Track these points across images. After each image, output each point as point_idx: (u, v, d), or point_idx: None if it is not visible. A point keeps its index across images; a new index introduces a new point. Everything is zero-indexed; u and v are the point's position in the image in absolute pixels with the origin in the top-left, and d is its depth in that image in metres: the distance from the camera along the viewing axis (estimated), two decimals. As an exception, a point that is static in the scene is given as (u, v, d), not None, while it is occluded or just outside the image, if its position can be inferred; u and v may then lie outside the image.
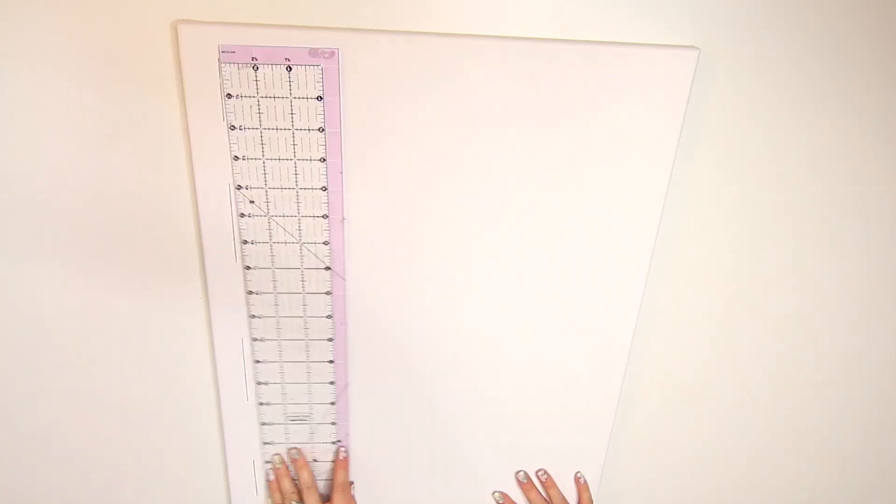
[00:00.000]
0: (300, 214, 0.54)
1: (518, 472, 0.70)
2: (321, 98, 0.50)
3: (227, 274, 0.56)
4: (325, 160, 0.52)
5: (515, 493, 0.71)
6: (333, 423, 0.65)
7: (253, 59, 0.48)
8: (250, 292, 0.57)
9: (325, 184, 0.53)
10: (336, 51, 0.48)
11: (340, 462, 0.67)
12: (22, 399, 0.62)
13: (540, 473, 0.69)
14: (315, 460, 0.68)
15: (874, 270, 0.64)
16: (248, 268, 0.56)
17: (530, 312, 0.61)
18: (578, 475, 0.70)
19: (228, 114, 0.50)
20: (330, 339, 0.60)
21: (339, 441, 0.67)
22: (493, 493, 0.71)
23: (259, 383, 0.62)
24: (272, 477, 0.67)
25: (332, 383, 0.63)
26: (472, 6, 0.50)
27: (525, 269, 0.58)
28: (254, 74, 0.49)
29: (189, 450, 0.67)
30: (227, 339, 0.60)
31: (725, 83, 0.54)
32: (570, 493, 0.70)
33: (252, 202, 0.53)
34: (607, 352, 0.63)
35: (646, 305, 0.61)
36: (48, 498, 0.68)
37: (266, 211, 0.54)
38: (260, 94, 0.49)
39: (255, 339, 0.60)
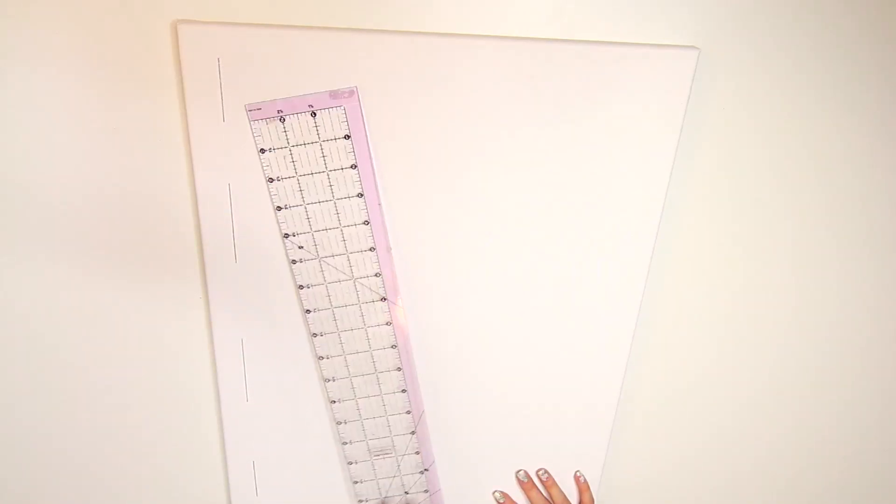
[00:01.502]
0: (348, 251, 0.55)
1: (518, 472, 0.70)
2: (349, 136, 0.51)
3: (227, 274, 0.56)
4: (362, 195, 0.53)
5: (516, 493, 0.71)
6: (417, 453, 0.66)
7: (279, 111, 0.50)
8: (314, 335, 0.58)
9: (366, 218, 0.54)
10: (355, 90, 0.49)
11: None
12: (22, 399, 0.62)
13: (540, 473, 0.69)
14: None
15: (875, 270, 0.64)
16: (308, 311, 0.57)
17: (530, 312, 0.61)
18: (579, 474, 0.70)
19: (265, 167, 0.51)
20: (399, 369, 0.61)
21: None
22: (494, 493, 0.71)
23: (339, 423, 0.63)
24: None
25: (408, 413, 0.63)
26: (472, 6, 0.50)
27: (525, 269, 0.58)
28: (282, 126, 0.50)
29: (189, 450, 0.67)
30: (227, 339, 0.60)
31: (725, 83, 0.54)
32: (570, 492, 0.70)
33: (301, 247, 0.54)
34: (607, 352, 0.63)
35: (646, 305, 0.61)
36: (48, 498, 0.68)
37: (316, 254, 0.55)
38: (291, 144, 0.51)
39: (327, 380, 0.61)
